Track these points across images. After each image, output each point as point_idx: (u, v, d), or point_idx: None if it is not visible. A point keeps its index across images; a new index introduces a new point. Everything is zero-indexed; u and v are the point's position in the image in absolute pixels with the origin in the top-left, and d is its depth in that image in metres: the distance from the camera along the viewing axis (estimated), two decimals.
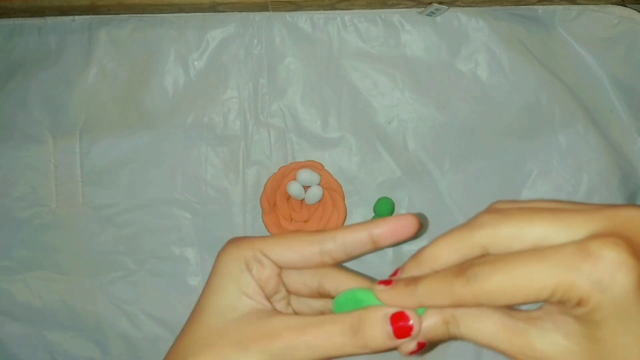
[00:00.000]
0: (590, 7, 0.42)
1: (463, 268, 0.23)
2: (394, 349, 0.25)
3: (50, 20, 0.43)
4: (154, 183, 0.43)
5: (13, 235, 0.42)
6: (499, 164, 0.43)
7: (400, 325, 0.24)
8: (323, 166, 0.43)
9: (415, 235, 0.27)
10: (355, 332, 0.25)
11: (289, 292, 0.29)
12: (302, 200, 0.43)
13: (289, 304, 0.30)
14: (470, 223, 0.25)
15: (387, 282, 0.26)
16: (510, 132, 0.43)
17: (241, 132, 0.43)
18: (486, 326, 0.24)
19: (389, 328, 0.24)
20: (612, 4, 0.42)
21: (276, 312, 0.27)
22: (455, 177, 0.43)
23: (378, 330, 0.24)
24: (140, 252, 0.42)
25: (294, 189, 0.42)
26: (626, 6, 0.42)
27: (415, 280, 0.25)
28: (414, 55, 0.43)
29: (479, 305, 0.23)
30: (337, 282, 0.28)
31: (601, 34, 0.42)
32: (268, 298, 0.28)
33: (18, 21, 0.43)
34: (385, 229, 0.26)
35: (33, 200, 0.42)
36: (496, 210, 0.25)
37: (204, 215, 0.43)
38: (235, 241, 0.28)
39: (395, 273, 0.26)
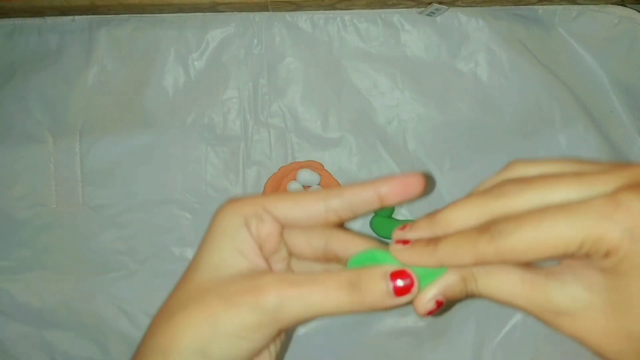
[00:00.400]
0: (590, 7, 0.42)
1: (486, 225, 0.23)
2: (392, 308, 0.24)
3: (50, 20, 0.43)
4: (154, 183, 0.43)
5: (13, 235, 0.42)
6: (499, 164, 0.42)
7: (400, 282, 0.24)
8: (323, 166, 0.43)
9: (422, 194, 0.26)
10: (352, 287, 0.24)
11: (291, 253, 0.28)
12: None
13: (289, 266, 0.29)
14: (491, 191, 0.24)
15: (404, 242, 0.25)
16: (511, 132, 0.43)
17: (241, 132, 0.43)
18: (504, 282, 0.23)
19: (388, 284, 0.24)
20: (612, 4, 0.42)
21: (269, 270, 0.26)
22: (455, 177, 0.43)
23: (377, 286, 0.24)
24: (140, 252, 0.42)
25: (294, 189, 0.42)
26: (626, 6, 0.42)
27: (435, 240, 0.24)
28: (414, 55, 0.43)
29: (503, 262, 0.22)
30: (346, 243, 0.27)
31: (601, 34, 0.42)
32: (266, 258, 0.27)
33: (18, 21, 0.43)
34: (393, 187, 0.26)
35: (33, 200, 0.42)
36: (516, 179, 0.24)
37: (203, 215, 0.43)
38: (235, 199, 0.27)
39: (404, 227, 0.25)
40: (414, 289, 0.24)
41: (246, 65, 0.43)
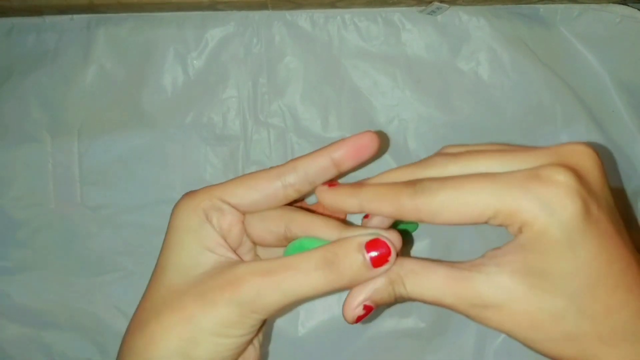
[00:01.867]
0: (592, 6, 0.42)
1: (412, 181, 0.23)
2: (371, 279, 0.24)
3: (48, 19, 0.42)
4: (153, 183, 0.42)
5: (10, 236, 0.42)
6: None
7: (376, 252, 0.23)
8: None
9: (377, 154, 0.26)
10: (329, 265, 0.23)
11: (254, 242, 0.27)
12: (302, 200, 0.42)
13: (256, 256, 0.28)
14: (420, 162, 0.25)
15: (331, 184, 0.25)
16: (512, 131, 0.42)
17: (240, 131, 0.43)
18: (431, 281, 0.23)
19: (365, 256, 0.23)
20: (613, 2, 0.42)
21: (240, 261, 0.25)
22: None
23: (353, 259, 0.23)
24: (139, 253, 0.42)
25: None
26: (628, 5, 0.42)
27: (360, 183, 0.24)
28: (414, 54, 0.42)
29: (419, 220, 0.23)
30: (305, 225, 0.26)
31: (603, 33, 0.42)
32: (233, 250, 0.26)
33: (16, 20, 0.42)
34: (346, 150, 0.25)
35: (31, 200, 0.42)
36: (445, 153, 0.25)
37: None
38: (190, 193, 0.26)
39: (332, 184, 0.26)
40: (391, 258, 0.23)
41: (245, 64, 0.43)
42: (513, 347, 0.41)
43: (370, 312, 0.24)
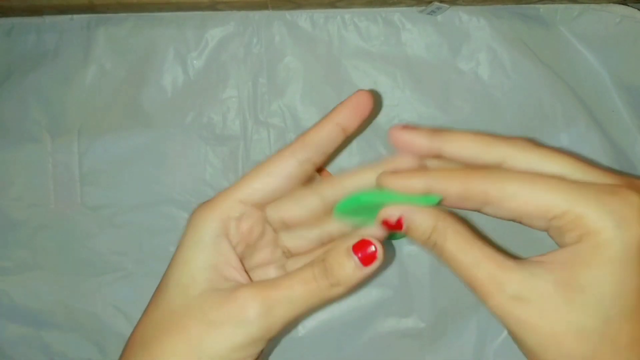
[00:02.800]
0: (592, 6, 0.42)
1: (484, 167, 0.23)
2: (367, 277, 0.24)
3: (48, 19, 0.42)
4: (153, 183, 0.42)
5: (10, 236, 0.42)
6: None
7: (363, 252, 0.24)
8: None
9: (374, 109, 0.27)
10: (324, 272, 0.24)
11: (288, 228, 0.27)
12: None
13: (276, 246, 0.28)
14: (507, 139, 0.24)
15: (393, 170, 0.25)
16: (512, 131, 0.42)
17: (240, 131, 0.43)
18: (473, 249, 0.23)
19: (354, 258, 0.24)
20: (613, 2, 0.42)
21: (239, 284, 0.25)
22: None
23: (345, 263, 0.24)
24: (139, 253, 0.42)
25: None
26: (628, 5, 0.42)
27: (424, 167, 0.25)
28: (414, 54, 0.42)
29: (485, 203, 0.23)
30: (337, 184, 0.27)
31: (603, 33, 0.42)
32: (253, 244, 0.26)
33: (16, 20, 0.42)
34: (347, 111, 0.26)
35: (31, 200, 0.42)
36: (531, 140, 0.25)
37: None
38: (207, 204, 0.26)
39: (396, 170, 0.25)
40: (379, 254, 0.24)
41: (245, 64, 0.42)
42: (513, 347, 0.41)
43: (398, 228, 0.25)
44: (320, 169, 0.41)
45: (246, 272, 0.26)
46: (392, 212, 0.24)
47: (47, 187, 0.42)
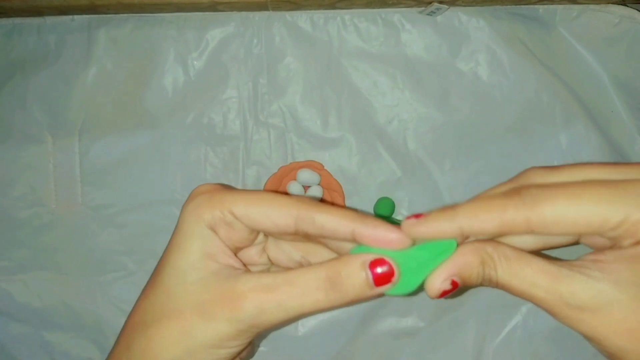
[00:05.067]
0: (591, 6, 0.42)
1: (516, 189, 0.21)
2: (372, 298, 0.23)
3: (49, 19, 0.42)
4: (154, 183, 0.42)
5: (12, 236, 0.42)
6: (499, 164, 0.42)
7: (379, 269, 0.22)
8: (323, 166, 0.43)
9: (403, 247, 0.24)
10: (332, 284, 0.23)
11: (266, 235, 0.27)
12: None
13: (263, 251, 0.28)
14: (516, 177, 0.23)
15: (417, 216, 0.23)
16: (511, 132, 0.42)
17: (241, 132, 0.43)
18: (525, 271, 0.22)
19: (368, 274, 0.23)
20: (612, 3, 0.42)
21: (242, 271, 0.25)
22: (455, 176, 0.43)
23: (356, 278, 0.23)
24: (140, 252, 0.42)
25: (294, 189, 0.42)
26: (627, 6, 0.42)
27: (453, 206, 0.22)
28: (414, 54, 0.43)
29: (529, 232, 0.21)
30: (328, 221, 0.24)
31: (602, 34, 0.42)
32: (236, 253, 0.26)
33: (17, 21, 0.42)
34: (371, 234, 0.23)
35: (32, 200, 0.42)
36: (539, 167, 0.23)
37: None
38: (201, 197, 0.25)
39: (418, 216, 0.23)
40: (395, 278, 0.23)
41: (246, 65, 0.43)
42: (513, 347, 0.41)
43: (456, 288, 0.23)
44: (322, 172, 0.41)
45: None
46: (442, 279, 0.22)
47: (48, 187, 0.42)
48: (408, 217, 0.23)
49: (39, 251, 0.42)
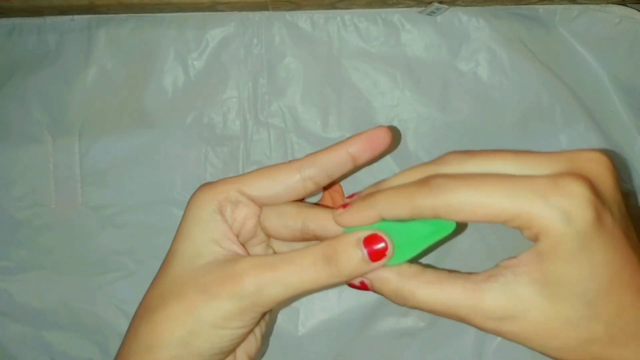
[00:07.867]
0: (591, 6, 0.42)
1: (425, 179, 0.23)
2: (368, 273, 0.25)
3: (49, 19, 0.42)
4: (154, 183, 0.42)
5: (12, 235, 0.42)
6: None
7: (374, 247, 0.24)
8: None
9: (390, 147, 0.27)
10: (328, 260, 0.24)
11: (269, 235, 0.28)
12: (302, 200, 0.42)
13: (268, 246, 0.29)
14: (433, 161, 0.25)
15: (344, 206, 0.25)
16: (511, 132, 0.42)
17: (241, 131, 0.43)
18: (446, 293, 0.23)
19: (363, 251, 0.24)
20: (613, 3, 0.42)
21: (244, 255, 0.26)
22: None
23: (352, 254, 0.24)
24: (140, 252, 0.42)
25: None
26: (627, 6, 0.42)
27: (372, 193, 0.25)
28: (414, 54, 0.43)
29: (437, 217, 0.23)
30: (322, 220, 0.27)
31: (602, 34, 0.42)
32: (242, 243, 0.27)
33: (17, 21, 0.42)
34: (362, 144, 0.26)
35: (32, 200, 0.42)
36: (459, 151, 0.25)
37: None
38: (207, 184, 0.27)
39: (352, 196, 0.26)
40: (389, 252, 0.24)
41: (246, 65, 0.43)
42: (512, 347, 0.41)
43: (364, 289, 0.25)
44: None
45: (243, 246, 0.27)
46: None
47: (48, 187, 0.42)
48: (338, 206, 0.25)
49: (39, 251, 0.42)
